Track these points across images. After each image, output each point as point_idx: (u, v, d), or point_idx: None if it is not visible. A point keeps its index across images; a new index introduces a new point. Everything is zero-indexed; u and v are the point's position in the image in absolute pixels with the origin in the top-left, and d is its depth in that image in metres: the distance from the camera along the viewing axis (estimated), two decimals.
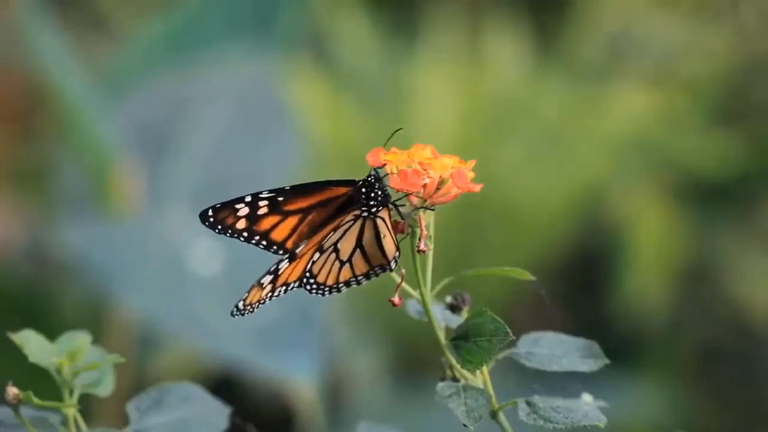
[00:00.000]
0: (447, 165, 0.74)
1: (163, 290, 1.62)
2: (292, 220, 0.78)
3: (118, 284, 1.64)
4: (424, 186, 0.74)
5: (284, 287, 0.77)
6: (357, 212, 0.76)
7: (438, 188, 0.74)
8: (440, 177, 0.74)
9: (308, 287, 0.77)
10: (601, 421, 0.72)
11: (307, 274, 0.77)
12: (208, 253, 1.64)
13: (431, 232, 0.75)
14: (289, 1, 1.92)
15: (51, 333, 0.79)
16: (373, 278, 0.77)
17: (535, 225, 2.12)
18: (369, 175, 0.76)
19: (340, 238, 0.76)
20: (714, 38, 2.35)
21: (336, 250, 0.76)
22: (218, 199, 0.79)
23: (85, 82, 1.77)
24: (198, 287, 1.61)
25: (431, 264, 0.75)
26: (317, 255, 0.76)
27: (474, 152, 1.95)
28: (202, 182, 1.73)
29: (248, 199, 0.78)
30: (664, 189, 2.24)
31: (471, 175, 0.74)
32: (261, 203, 0.78)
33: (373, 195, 0.76)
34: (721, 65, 2.32)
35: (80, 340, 0.77)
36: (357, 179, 0.77)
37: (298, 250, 0.77)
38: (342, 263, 0.76)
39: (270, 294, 0.77)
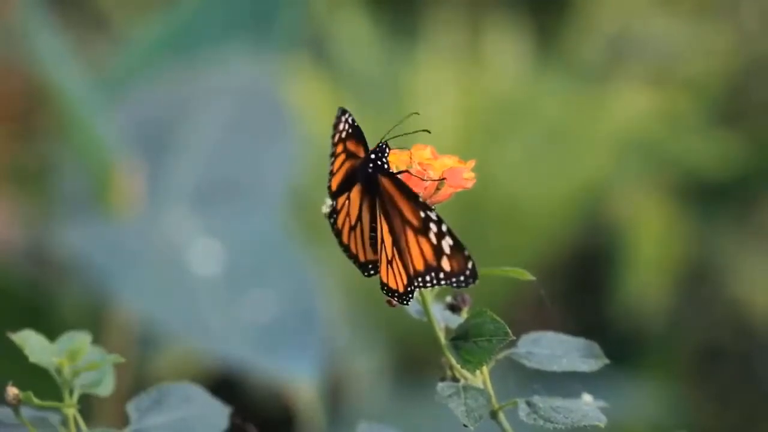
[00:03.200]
0: (447, 165, 0.74)
1: (163, 290, 1.62)
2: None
3: (118, 284, 1.64)
4: (425, 186, 0.74)
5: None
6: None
7: (438, 188, 0.74)
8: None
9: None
10: (601, 421, 0.72)
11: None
12: (208, 253, 1.64)
13: None
14: (289, 1, 1.92)
15: (51, 333, 0.78)
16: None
17: (535, 225, 2.12)
18: (378, 146, 0.75)
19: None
20: (714, 38, 2.35)
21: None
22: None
23: (85, 81, 1.77)
24: (198, 287, 1.61)
25: None
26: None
27: (474, 152, 1.95)
28: (202, 182, 1.72)
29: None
30: (665, 189, 2.24)
31: (471, 174, 0.74)
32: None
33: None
34: (721, 65, 2.32)
35: (80, 340, 0.77)
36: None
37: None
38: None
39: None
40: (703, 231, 2.22)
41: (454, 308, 0.77)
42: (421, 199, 0.71)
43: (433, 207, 0.74)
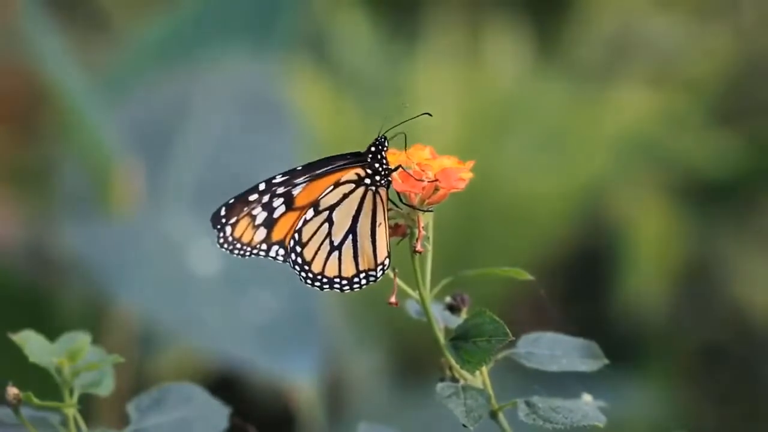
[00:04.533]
0: (445, 165, 0.74)
1: (163, 290, 1.63)
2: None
3: (118, 284, 1.64)
4: (423, 187, 0.74)
5: (268, 246, 0.74)
6: (361, 172, 0.75)
7: (437, 189, 0.74)
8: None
9: (293, 257, 0.74)
10: (601, 421, 0.73)
11: (296, 236, 0.74)
12: (208, 252, 1.64)
13: (429, 233, 0.75)
14: (290, 2, 1.92)
15: (51, 333, 0.79)
16: (356, 288, 0.75)
17: (535, 225, 2.12)
18: (377, 140, 0.75)
19: (338, 202, 0.74)
20: (714, 38, 2.35)
21: (330, 221, 0.74)
22: (218, 199, 0.77)
23: (86, 82, 1.77)
24: (198, 287, 1.61)
25: (430, 264, 0.75)
26: (311, 213, 0.74)
27: (474, 152, 1.95)
28: (201, 182, 1.73)
29: (262, 186, 0.75)
30: (664, 189, 2.24)
31: (468, 175, 0.74)
32: (276, 202, 0.75)
33: (378, 160, 0.75)
34: (721, 65, 2.32)
35: (80, 340, 0.77)
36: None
37: (295, 192, 0.74)
38: (332, 247, 0.74)
39: (260, 245, 0.74)
40: (703, 231, 2.22)
41: (453, 308, 0.77)
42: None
43: (432, 209, 0.74)
